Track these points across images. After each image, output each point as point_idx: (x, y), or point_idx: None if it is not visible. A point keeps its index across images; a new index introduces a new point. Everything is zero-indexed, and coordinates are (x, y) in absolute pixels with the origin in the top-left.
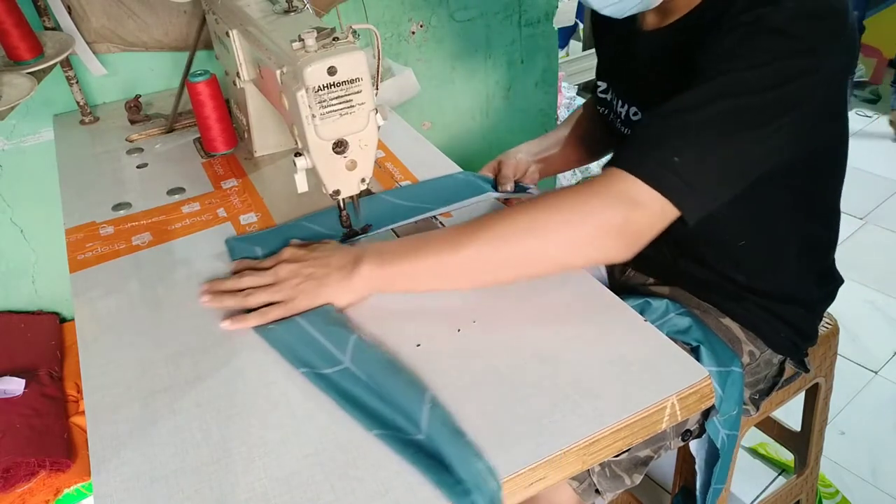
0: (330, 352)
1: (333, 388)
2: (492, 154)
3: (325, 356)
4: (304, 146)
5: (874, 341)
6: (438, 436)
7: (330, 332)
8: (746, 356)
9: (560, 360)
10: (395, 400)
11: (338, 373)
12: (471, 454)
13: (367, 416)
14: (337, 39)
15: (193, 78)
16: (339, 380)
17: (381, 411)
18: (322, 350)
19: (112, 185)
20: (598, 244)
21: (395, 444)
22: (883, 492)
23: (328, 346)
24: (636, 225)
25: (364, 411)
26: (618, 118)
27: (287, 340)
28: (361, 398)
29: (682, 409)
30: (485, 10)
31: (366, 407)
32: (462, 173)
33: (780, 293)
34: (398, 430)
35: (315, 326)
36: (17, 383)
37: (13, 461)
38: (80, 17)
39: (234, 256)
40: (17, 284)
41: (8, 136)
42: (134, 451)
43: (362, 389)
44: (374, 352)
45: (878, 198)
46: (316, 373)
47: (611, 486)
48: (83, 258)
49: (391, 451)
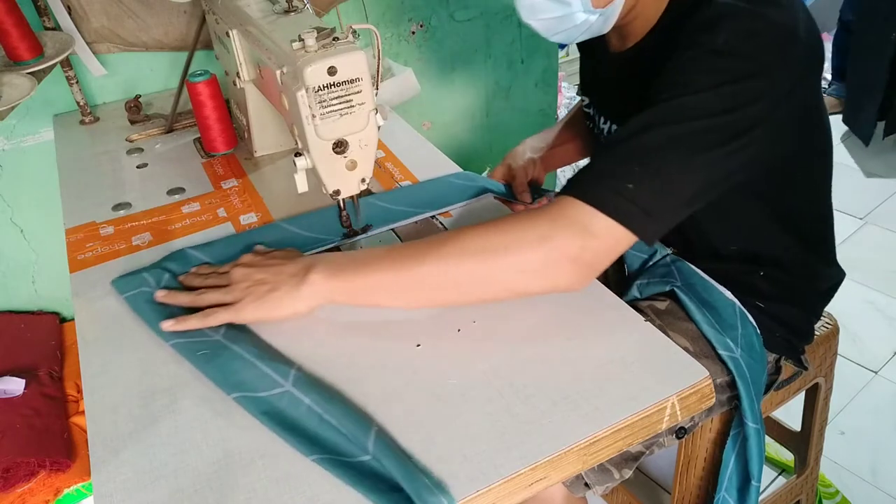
0: (270, 376)
1: (269, 412)
2: (492, 154)
3: (264, 380)
4: (304, 146)
5: (874, 341)
6: (385, 457)
7: (271, 361)
8: None
9: (560, 359)
10: (340, 423)
11: (277, 395)
12: (418, 471)
13: (306, 441)
14: (337, 39)
15: (193, 78)
16: (277, 402)
17: (323, 435)
18: (261, 374)
19: (112, 185)
20: (550, 272)
21: (336, 467)
22: (883, 492)
23: (268, 371)
24: (591, 253)
25: (303, 436)
26: (601, 133)
27: (220, 364)
28: (300, 421)
29: (683, 409)
30: (485, 10)
31: (305, 431)
32: (463, 174)
33: (773, 294)
34: (339, 453)
35: (254, 356)
36: (17, 383)
37: (13, 461)
38: (80, 17)
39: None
40: (17, 284)
41: (8, 136)
42: (134, 451)
43: (303, 412)
44: (318, 382)
45: (878, 198)
46: (252, 397)
47: (600, 479)
48: (83, 258)
49: (330, 475)
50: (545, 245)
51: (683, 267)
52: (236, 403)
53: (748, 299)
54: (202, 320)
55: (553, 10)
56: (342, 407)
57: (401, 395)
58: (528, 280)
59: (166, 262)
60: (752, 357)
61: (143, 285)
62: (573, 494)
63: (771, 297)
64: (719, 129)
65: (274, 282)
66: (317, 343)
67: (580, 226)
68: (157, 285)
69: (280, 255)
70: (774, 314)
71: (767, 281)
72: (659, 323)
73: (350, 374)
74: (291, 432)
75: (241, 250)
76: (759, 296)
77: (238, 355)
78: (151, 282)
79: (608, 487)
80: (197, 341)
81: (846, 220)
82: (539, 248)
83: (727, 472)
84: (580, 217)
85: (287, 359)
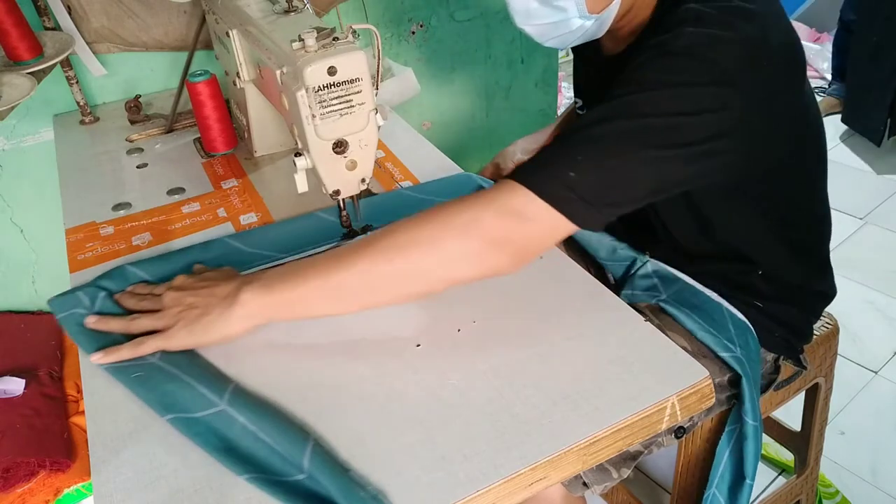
0: (204, 395)
1: (203, 433)
2: (492, 154)
3: (199, 400)
4: (304, 146)
5: (874, 341)
6: (321, 474)
7: (206, 378)
8: None
9: (560, 360)
10: (275, 440)
11: (212, 415)
12: (354, 484)
13: (239, 461)
14: (337, 39)
15: (193, 78)
16: (212, 422)
17: (257, 454)
18: (196, 394)
19: (112, 185)
20: (483, 257)
21: (268, 486)
22: (883, 492)
23: (202, 390)
24: (524, 238)
25: (235, 455)
26: None
27: (153, 385)
28: (234, 441)
29: (683, 409)
30: (485, 9)
31: (237, 450)
32: (463, 175)
33: (771, 294)
34: (274, 472)
35: (191, 375)
36: (17, 383)
37: (13, 461)
38: (80, 17)
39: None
40: (17, 284)
41: (8, 136)
42: (134, 451)
43: (238, 432)
44: (255, 398)
45: (878, 198)
46: (186, 417)
47: (598, 479)
48: (83, 258)
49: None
50: (471, 230)
51: (667, 275)
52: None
53: (747, 299)
54: (133, 350)
55: (548, 15)
56: (277, 424)
57: (401, 395)
58: (460, 268)
59: (103, 279)
60: (749, 354)
61: (77, 306)
62: (571, 494)
63: (770, 297)
64: (672, 129)
65: (205, 305)
66: (312, 345)
67: (511, 208)
68: (91, 305)
69: (213, 277)
70: (773, 314)
71: (765, 280)
72: (657, 322)
73: (351, 374)
74: (223, 452)
75: (181, 268)
76: (758, 295)
77: (173, 376)
78: (86, 301)
79: (607, 487)
80: (131, 364)
81: (846, 220)
82: (465, 235)
83: (720, 468)
84: (514, 201)
85: (225, 376)
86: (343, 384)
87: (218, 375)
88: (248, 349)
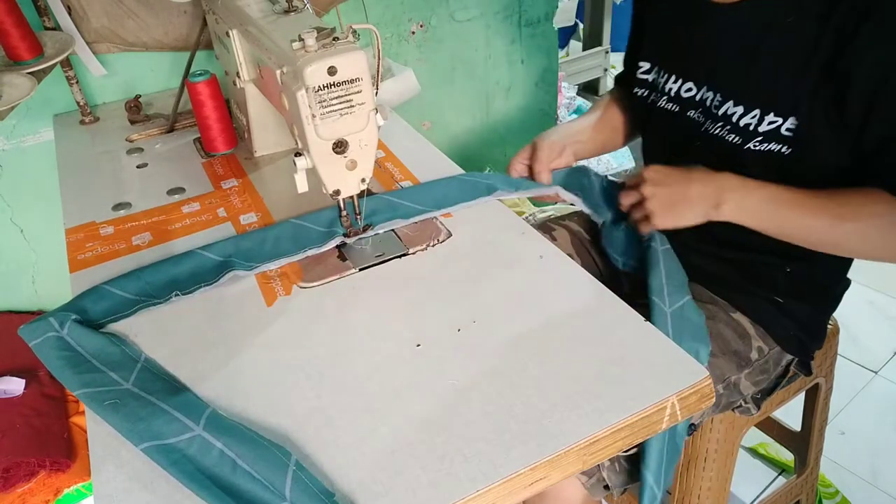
0: (180, 421)
1: (179, 461)
2: (492, 154)
3: (173, 425)
4: (304, 146)
5: (874, 341)
6: (306, 498)
7: (181, 402)
8: (755, 352)
9: (560, 360)
10: (255, 468)
11: (187, 441)
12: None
13: (220, 494)
14: (337, 39)
15: (193, 78)
16: (187, 449)
17: (237, 484)
18: (169, 418)
19: (112, 185)
20: None
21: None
22: (883, 492)
23: (177, 414)
24: None
25: (216, 487)
26: (664, 96)
27: (127, 414)
28: (212, 470)
29: (683, 408)
30: (485, 10)
31: (218, 480)
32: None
33: (792, 291)
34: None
35: (163, 400)
36: (17, 383)
37: (13, 461)
38: (80, 17)
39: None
40: (17, 284)
41: (8, 136)
42: (134, 451)
43: (215, 458)
44: (232, 421)
45: None
46: (160, 445)
47: (620, 481)
48: (83, 258)
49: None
50: None
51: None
52: (236, 402)
53: (767, 293)
54: None
55: None
56: (257, 447)
57: (401, 394)
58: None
59: (81, 300)
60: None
61: (49, 330)
62: (593, 497)
63: (790, 294)
64: None
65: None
66: (313, 345)
67: None
68: (60, 328)
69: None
70: (790, 311)
71: (791, 277)
72: None
73: (351, 373)
74: (203, 485)
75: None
76: (778, 291)
77: (147, 402)
78: (56, 325)
79: (627, 489)
80: (104, 391)
81: None
82: None
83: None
84: None
85: (201, 400)
86: (343, 384)
87: (194, 401)
88: (249, 349)
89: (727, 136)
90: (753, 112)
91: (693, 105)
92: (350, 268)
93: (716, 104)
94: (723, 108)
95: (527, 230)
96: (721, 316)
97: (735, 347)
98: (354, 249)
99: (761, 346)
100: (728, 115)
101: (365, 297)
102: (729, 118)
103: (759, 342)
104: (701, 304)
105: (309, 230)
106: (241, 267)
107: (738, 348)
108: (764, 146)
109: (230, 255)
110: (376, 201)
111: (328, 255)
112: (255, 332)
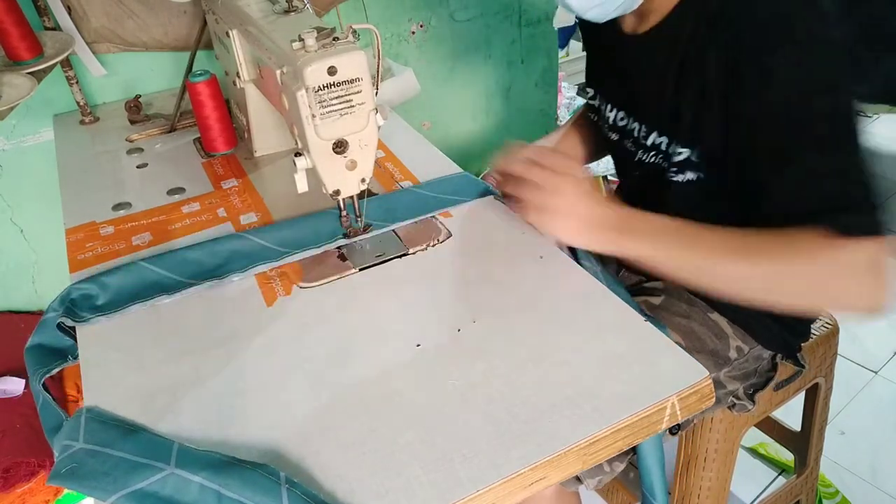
0: (146, 464)
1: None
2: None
3: (138, 469)
4: (304, 146)
5: (874, 341)
6: None
7: (140, 445)
8: (734, 351)
9: (560, 360)
10: (244, 494)
11: (159, 482)
12: None
13: None
14: (337, 39)
15: (193, 78)
16: (161, 489)
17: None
18: (132, 464)
19: (112, 185)
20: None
21: None
22: (883, 492)
23: (141, 460)
24: None
25: None
26: (605, 123)
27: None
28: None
29: (683, 409)
30: (485, 10)
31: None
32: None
33: None
34: None
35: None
36: (17, 383)
37: (13, 461)
38: (80, 17)
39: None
40: (17, 284)
41: (8, 136)
42: None
43: (195, 494)
44: (205, 452)
45: None
46: (131, 492)
47: (590, 473)
48: (83, 258)
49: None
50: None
51: None
52: (236, 402)
53: None
54: None
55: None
56: (241, 473)
57: (401, 394)
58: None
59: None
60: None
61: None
62: (565, 489)
63: None
64: None
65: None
66: (313, 345)
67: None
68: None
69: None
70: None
71: None
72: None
73: (351, 373)
74: None
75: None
76: None
77: (105, 456)
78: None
79: (601, 481)
80: (61, 458)
81: None
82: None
83: None
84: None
85: (163, 437)
86: (343, 384)
87: (155, 440)
88: (249, 349)
89: (662, 164)
90: (668, 141)
91: (626, 134)
92: (350, 268)
93: (643, 134)
94: (649, 138)
95: (527, 230)
96: (697, 316)
97: (712, 347)
98: (354, 249)
99: (740, 345)
100: (656, 144)
101: (365, 297)
102: (657, 147)
103: (738, 342)
104: (678, 303)
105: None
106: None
107: (715, 347)
108: (681, 176)
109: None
110: (376, 201)
111: (328, 255)
112: (254, 332)
